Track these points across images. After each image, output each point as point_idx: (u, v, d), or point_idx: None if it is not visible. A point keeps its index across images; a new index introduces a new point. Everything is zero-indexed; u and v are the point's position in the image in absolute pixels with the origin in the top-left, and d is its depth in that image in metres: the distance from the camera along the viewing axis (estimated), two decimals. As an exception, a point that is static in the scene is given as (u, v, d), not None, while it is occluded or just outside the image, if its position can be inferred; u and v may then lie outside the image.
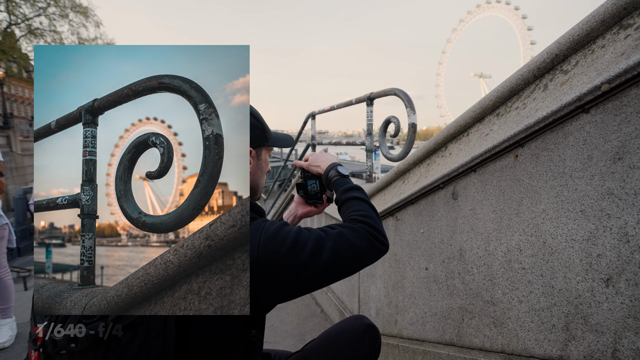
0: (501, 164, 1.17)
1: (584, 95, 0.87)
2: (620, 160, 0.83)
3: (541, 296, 1.05)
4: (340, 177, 0.98)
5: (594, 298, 0.91)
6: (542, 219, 1.03)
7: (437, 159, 1.57)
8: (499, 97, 1.23)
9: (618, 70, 0.80)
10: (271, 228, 0.73)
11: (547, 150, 1.01)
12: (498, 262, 1.20)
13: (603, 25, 0.91)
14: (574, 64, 0.99)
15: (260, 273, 0.68)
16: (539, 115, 0.99)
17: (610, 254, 0.86)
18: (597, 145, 0.88)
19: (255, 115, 0.87)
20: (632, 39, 0.83)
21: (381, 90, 2.27)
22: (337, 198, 0.95)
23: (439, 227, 1.50)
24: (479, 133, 1.32)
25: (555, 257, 1.00)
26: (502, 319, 1.20)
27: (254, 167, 0.87)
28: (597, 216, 0.89)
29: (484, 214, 1.25)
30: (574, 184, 0.94)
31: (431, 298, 1.58)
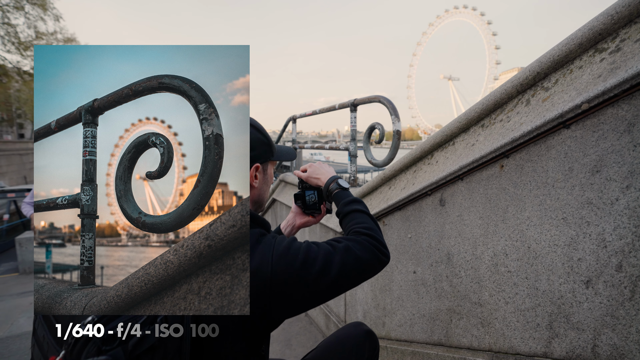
0: (487, 173, 1.24)
1: (565, 113, 0.95)
2: (598, 172, 0.91)
3: (526, 297, 1.13)
4: (341, 190, 1.00)
5: (575, 298, 0.99)
6: (526, 226, 1.11)
7: (424, 166, 1.63)
8: (484, 109, 1.30)
9: (596, 91, 0.87)
10: (282, 244, 0.74)
11: (531, 162, 1.09)
12: (485, 265, 1.27)
13: (580, 48, 0.99)
14: (554, 82, 1.07)
15: (274, 290, 0.69)
16: (524, 129, 1.06)
17: (590, 258, 0.94)
18: (577, 158, 0.96)
19: (260, 130, 0.87)
20: (606, 62, 0.91)
21: (365, 96, 2.32)
22: (338, 211, 0.97)
23: (427, 232, 1.56)
24: (465, 143, 1.39)
25: (539, 261, 1.08)
26: (489, 319, 1.27)
27: (260, 182, 0.87)
28: (577, 223, 0.97)
29: (471, 220, 1.31)
30: (556, 194, 1.01)
31: (419, 300, 1.64)
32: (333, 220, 2.39)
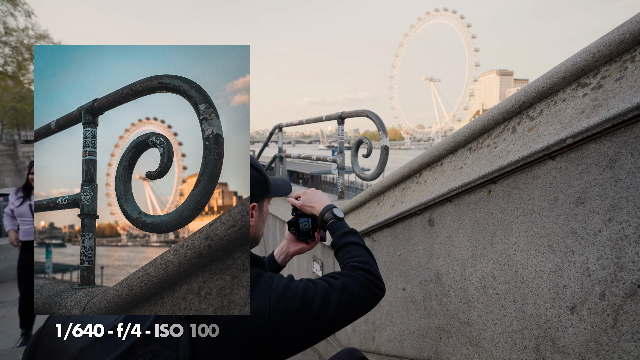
0: (476, 197, 1.27)
1: (551, 145, 0.98)
2: (582, 204, 0.95)
3: (514, 320, 1.16)
4: (337, 220, 1.00)
5: (560, 323, 1.02)
6: (514, 250, 1.14)
7: (412, 185, 1.65)
8: (471, 133, 1.33)
9: (580, 127, 0.91)
10: (280, 286, 0.73)
11: (517, 189, 1.12)
12: (473, 286, 1.30)
13: (564, 82, 1.03)
14: (539, 112, 1.10)
15: (273, 334, 0.69)
16: (511, 158, 1.09)
17: (575, 286, 0.98)
18: (562, 189, 0.99)
19: (258, 169, 0.86)
20: (589, 98, 0.95)
21: (353, 110, 2.33)
22: (334, 242, 0.97)
23: (416, 250, 1.58)
24: (452, 165, 1.41)
25: (526, 285, 1.11)
26: (478, 339, 1.30)
27: (256, 220, 0.86)
28: (562, 251, 1.00)
29: (460, 241, 1.34)
30: (542, 222, 1.05)
31: (409, 317, 1.66)
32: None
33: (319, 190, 1.14)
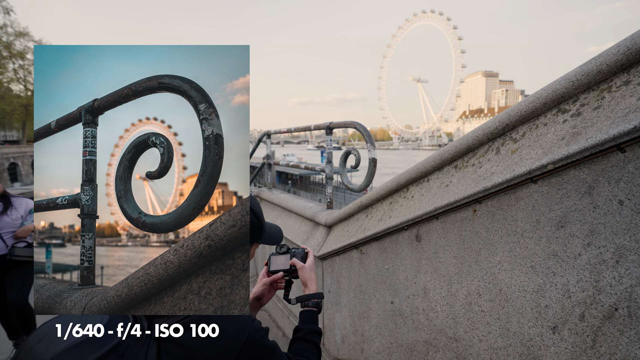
0: (461, 215, 1.29)
1: (533, 170, 1.01)
2: (562, 227, 0.98)
3: (498, 337, 1.19)
4: (317, 312, 0.99)
5: (543, 342, 1.05)
6: (498, 269, 1.17)
7: (400, 199, 1.67)
8: (457, 152, 1.35)
9: (560, 155, 0.94)
10: (260, 326, 0.73)
11: (501, 210, 1.14)
12: (460, 303, 1.32)
13: (545, 107, 1.06)
14: (521, 134, 1.13)
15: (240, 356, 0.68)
16: (495, 180, 1.12)
17: (556, 306, 1.01)
18: (544, 212, 1.02)
19: (256, 213, 0.85)
20: (569, 125, 0.98)
21: (341, 121, 2.35)
22: (300, 327, 0.95)
23: (404, 265, 1.60)
24: (439, 181, 1.43)
25: (510, 304, 1.14)
26: (464, 355, 1.32)
27: None
28: (544, 272, 1.03)
29: (446, 258, 1.36)
30: (525, 243, 1.08)
31: (397, 330, 1.68)
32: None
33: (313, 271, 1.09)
